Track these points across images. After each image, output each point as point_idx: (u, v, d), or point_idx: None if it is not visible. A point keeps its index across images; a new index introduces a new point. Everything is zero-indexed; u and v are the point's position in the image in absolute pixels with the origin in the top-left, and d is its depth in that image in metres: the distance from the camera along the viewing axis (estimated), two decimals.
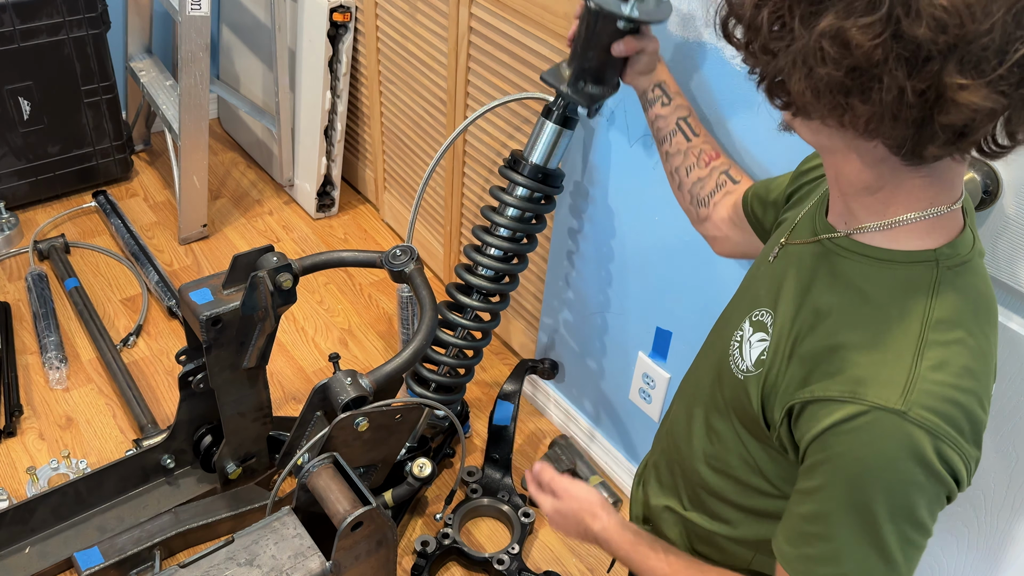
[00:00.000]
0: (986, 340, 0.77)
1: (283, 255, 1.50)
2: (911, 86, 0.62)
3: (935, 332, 0.74)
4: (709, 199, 1.22)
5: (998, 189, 1.01)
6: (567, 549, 1.82)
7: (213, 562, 1.21)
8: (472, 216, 2.21)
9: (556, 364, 2.03)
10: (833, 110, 0.66)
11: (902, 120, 0.64)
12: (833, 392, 0.76)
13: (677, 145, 1.27)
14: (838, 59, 0.63)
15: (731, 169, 1.23)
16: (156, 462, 1.79)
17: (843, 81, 0.64)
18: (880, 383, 0.73)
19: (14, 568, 1.64)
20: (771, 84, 0.71)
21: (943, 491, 0.74)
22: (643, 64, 1.27)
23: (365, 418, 1.37)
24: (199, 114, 2.35)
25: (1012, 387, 1.11)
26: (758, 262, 0.98)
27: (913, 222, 0.75)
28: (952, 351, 0.74)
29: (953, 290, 0.75)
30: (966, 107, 0.61)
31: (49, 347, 2.11)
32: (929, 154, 0.66)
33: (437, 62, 2.07)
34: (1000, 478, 1.17)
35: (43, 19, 2.35)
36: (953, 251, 0.76)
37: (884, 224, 0.76)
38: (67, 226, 2.59)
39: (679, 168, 1.27)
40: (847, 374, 0.75)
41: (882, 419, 0.72)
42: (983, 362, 0.76)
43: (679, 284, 1.60)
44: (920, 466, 0.72)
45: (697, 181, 1.24)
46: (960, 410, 0.73)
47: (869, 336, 0.76)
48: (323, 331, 2.33)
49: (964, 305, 0.76)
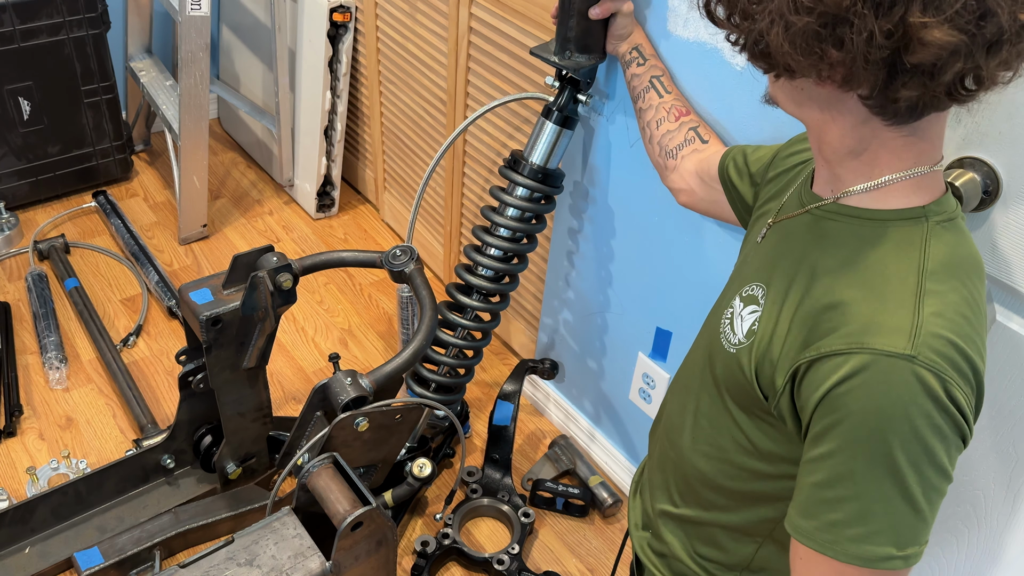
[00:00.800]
0: (977, 291, 0.79)
1: (283, 255, 1.50)
2: (879, 27, 0.65)
3: (932, 282, 0.76)
4: (677, 151, 1.29)
5: (998, 189, 1.01)
6: (567, 549, 1.83)
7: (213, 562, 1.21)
8: (472, 216, 2.21)
9: (556, 364, 2.03)
10: (810, 60, 0.69)
11: (872, 63, 0.67)
12: (838, 346, 0.76)
13: (649, 101, 1.35)
14: (811, 7, 0.66)
15: (700, 128, 1.30)
16: (156, 462, 1.79)
17: (817, 29, 0.67)
18: (886, 331, 0.74)
19: (14, 568, 1.64)
20: (753, 48, 0.74)
21: (959, 433, 0.75)
22: (620, 26, 1.38)
23: (365, 418, 1.37)
24: (199, 114, 2.35)
25: (1012, 387, 1.11)
26: (746, 247, 1.01)
27: (898, 181, 0.78)
28: (949, 299, 0.75)
29: (943, 244, 0.78)
30: (931, 44, 0.65)
31: (49, 347, 2.11)
32: (903, 98, 0.69)
33: (437, 62, 2.07)
34: (1000, 478, 1.17)
35: (43, 19, 2.35)
36: (940, 208, 0.79)
37: (870, 185, 0.79)
38: (67, 226, 2.59)
39: (650, 122, 1.35)
40: (850, 327, 0.76)
41: (893, 365, 0.73)
42: (977, 311, 0.78)
43: (679, 284, 1.60)
44: (937, 408, 0.73)
45: (666, 133, 1.31)
46: (962, 355, 0.74)
47: (867, 290, 0.77)
48: (323, 331, 2.33)
49: (954, 258, 0.78)
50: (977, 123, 1.01)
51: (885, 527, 0.76)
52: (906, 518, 0.75)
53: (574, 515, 1.89)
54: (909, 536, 0.76)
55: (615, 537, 1.86)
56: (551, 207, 1.65)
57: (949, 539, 1.26)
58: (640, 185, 1.59)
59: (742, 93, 1.29)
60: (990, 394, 1.12)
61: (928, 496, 0.75)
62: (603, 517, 1.90)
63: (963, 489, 1.22)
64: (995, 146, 1.00)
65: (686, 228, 1.53)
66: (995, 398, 1.12)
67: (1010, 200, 1.01)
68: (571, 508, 1.88)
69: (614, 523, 1.89)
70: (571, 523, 1.88)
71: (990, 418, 1.14)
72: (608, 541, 1.85)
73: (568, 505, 1.88)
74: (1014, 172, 0.99)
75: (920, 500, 0.75)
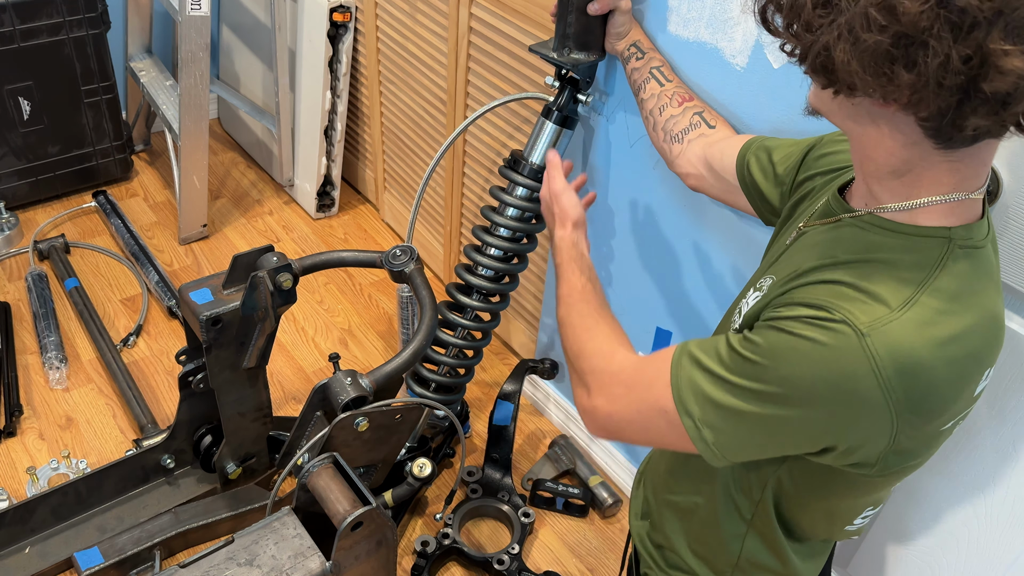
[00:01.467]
0: (978, 328, 0.77)
1: (283, 255, 1.50)
2: (956, 52, 0.62)
3: (929, 297, 0.74)
4: (683, 136, 1.28)
5: (998, 189, 1.01)
6: (567, 549, 1.83)
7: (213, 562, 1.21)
8: (472, 216, 2.21)
9: (556, 364, 2.03)
10: (878, 80, 0.67)
11: (946, 88, 0.64)
12: (813, 297, 0.77)
13: (651, 90, 1.35)
14: (885, 26, 0.63)
15: (705, 112, 1.29)
16: (156, 462, 1.79)
17: (889, 49, 0.64)
18: (859, 309, 0.74)
19: (14, 568, 1.64)
20: (815, 61, 0.70)
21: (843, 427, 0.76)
22: (618, 23, 1.38)
23: (365, 418, 1.37)
24: (199, 114, 2.35)
25: (1012, 387, 1.11)
26: (774, 246, 1.00)
27: (933, 204, 0.76)
28: (937, 320, 0.74)
29: (958, 268, 0.76)
30: (1011, 72, 0.62)
31: (49, 347, 2.11)
32: (970, 125, 0.67)
33: (437, 62, 2.07)
34: (1000, 478, 1.17)
35: (43, 19, 2.35)
36: (968, 233, 0.76)
37: (905, 206, 0.77)
38: (67, 226, 2.59)
39: (653, 109, 1.34)
40: (834, 292, 0.76)
41: (845, 333, 0.73)
42: (964, 348, 0.75)
43: (679, 284, 1.60)
44: (843, 391, 0.73)
45: (670, 118, 1.31)
46: (912, 373, 0.73)
47: (864, 282, 0.76)
48: (323, 331, 2.33)
49: (967, 283, 0.76)
50: None
51: (712, 401, 0.81)
52: (730, 415, 0.80)
53: (574, 515, 1.89)
54: (716, 427, 0.81)
55: (615, 537, 1.86)
56: None
57: (949, 539, 1.26)
58: (640, 185, 1.59)
59: (743, 93, 1.29)
60: (991, 394, 1.12)
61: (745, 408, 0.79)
62: (603, 517, 1.90)
63: (963, 489, 1.22)
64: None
65: (686, 228, 1.53)
66: (995, 398, 1.12)
67: (1010, 200, 1.01)
68: (571, 508, 1.88)
69: (614, 523, 1.89)
70: (571, 523, 1.88)
71: (990, 418, 1.14)
72: (608, 541, 1.85)
73: (568, 505, 1.88)
74: (1014, 172, 0.99)
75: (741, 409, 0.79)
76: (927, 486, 1.26)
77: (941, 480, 1.24)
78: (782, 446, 0.82)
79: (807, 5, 0.68)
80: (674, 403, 0.83)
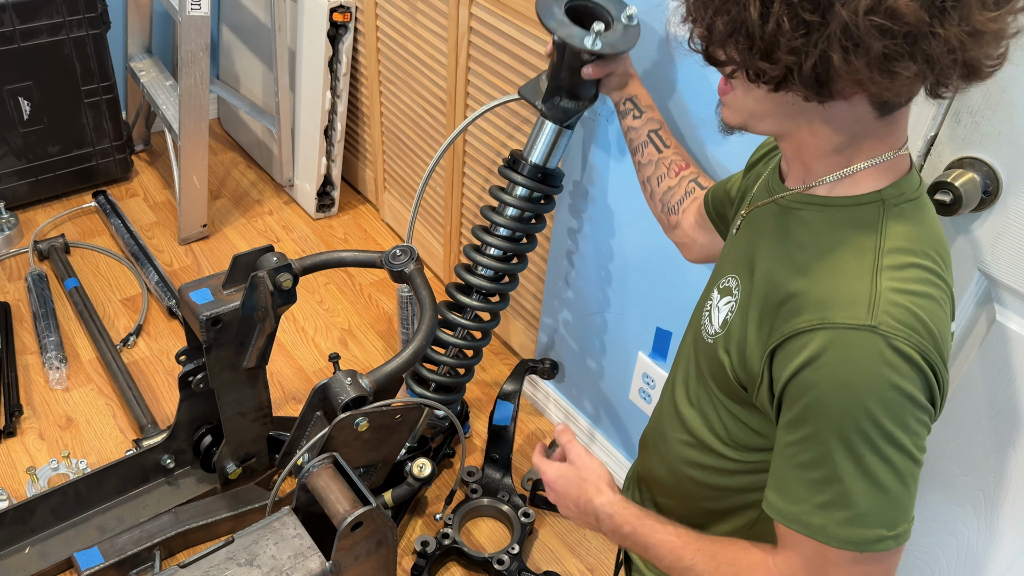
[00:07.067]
0: (938, 267, 0.79)
1: (283, 255, 1.50)
2: (955, 32, 0.66)
3: (889, 258, 0.76)
4: (679, 206, 1.28)
5: (998, 189, 1.01)
6: (567, 549, 1.83)
7: (213, 562, 1.21)
8: (472, 216, 2.21)
9: (556, 364, 2.03)
10: (886, 77, 0.68)
11: (947, 66, 0.68)
12: (802, 323, 0.77)
13: (648, 156, 1.33)
14: (893, 29, 0.65)
15: (699, 177, 1.28)
16: (156, 462, 1.79)
17: (899, 48, 0.66)
18: (844, 303, 0.75)
19: (14, 568, 1.64)
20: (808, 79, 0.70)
21: (927, 399, 0.75)
22: (614, 82, 1.36)
23: (365, 418, 1.37)
24: (199, 114, 2.35)
25: (1012, 387, 1.11)
26: (726, 241, 1.01)
27: (866, 168, 0.79)
28: (908, 274, 0.76)
29: (901, 223, 0.78)
30: (998, 34, 0.67)
31: (49, 347, 2.11)
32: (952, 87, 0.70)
33: (437, 62, 2.07)
34: (999, 478, 1.17)
35: (43, 19, 2.35)
36: (898, 190, 0.79)
37: (841, 175, 0.80)
38: (67, 226, 2.59)
39: (650, 178, 1.33)
40: (811, 306, 0.77)
41: (856, 337, 0.73)
42: (938, 287, 0.78)
43: (679, 284, 1.59)
44: (902, 376, 0.73)
45: (668, 190, 1.30)
46: (922, 323, 0.74)
47: (826, 271, 0.78)
48: (323, 331, 2.33)
49: (913, 235, 0.78)
50: (977, 123, 1.01)
51: (872, 508, 0.75)
52: (890, 495, 0.75)
53: None
54: (897, 514, 0.76)
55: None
56: (551, 207, 1.65)
57: (949, 539, 1.26)
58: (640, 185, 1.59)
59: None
60: (990, 394, 1.12)
61: (908, 468, 0.75)
62: None
63: (963, 489, 1.22)
64: (995, 146, 1.00)
65: None
66: (995, 398, 1.12)
67: (1010, 200, 1.01)
68: None
69: None
70: (571, 523, 1.88)
71: (990, 418, 1.14)
72: (608, 541, 1.85)
73: None
74: (1014, 172, 0.99)
75: (902, 472, 0.75)
76: (926, 486, 1.26)
77: (941, 480, 1.23)
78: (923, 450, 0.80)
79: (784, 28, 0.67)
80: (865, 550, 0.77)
